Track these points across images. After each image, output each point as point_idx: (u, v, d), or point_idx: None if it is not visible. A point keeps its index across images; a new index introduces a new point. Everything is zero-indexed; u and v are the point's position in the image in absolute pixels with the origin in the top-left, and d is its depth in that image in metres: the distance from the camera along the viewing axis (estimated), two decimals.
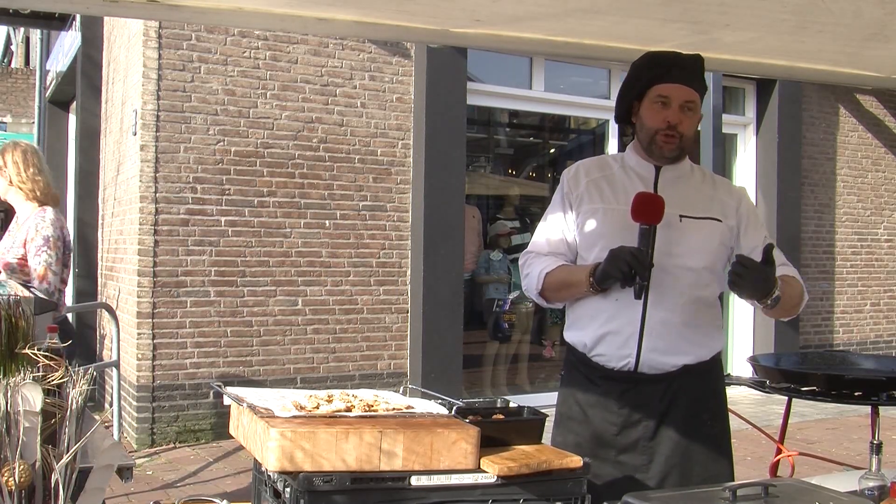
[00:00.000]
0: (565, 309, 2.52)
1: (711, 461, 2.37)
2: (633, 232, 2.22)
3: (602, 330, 2.34)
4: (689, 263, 2.32)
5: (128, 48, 6.62)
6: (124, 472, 2.18)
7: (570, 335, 2.46)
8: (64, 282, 3.68)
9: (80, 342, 8.05)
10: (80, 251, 8.31)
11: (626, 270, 2.17)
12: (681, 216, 2.33)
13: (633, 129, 2.45)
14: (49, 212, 3.69)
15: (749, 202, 2.49)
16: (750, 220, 2.45)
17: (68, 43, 9.54)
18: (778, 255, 2.40)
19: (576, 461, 1.71)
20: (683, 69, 2.35)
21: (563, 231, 2.45)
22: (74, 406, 1.61)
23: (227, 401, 1.89)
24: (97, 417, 2.14)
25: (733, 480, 2.20)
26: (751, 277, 2.15)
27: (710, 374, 2.42)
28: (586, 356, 2.39)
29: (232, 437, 1.88)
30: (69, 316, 8.15)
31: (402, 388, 2.13)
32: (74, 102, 9.51)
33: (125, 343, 6.27)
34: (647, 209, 2.22)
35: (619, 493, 1.75)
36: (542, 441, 1.86)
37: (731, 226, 2.40)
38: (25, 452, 1.55)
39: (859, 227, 9.28)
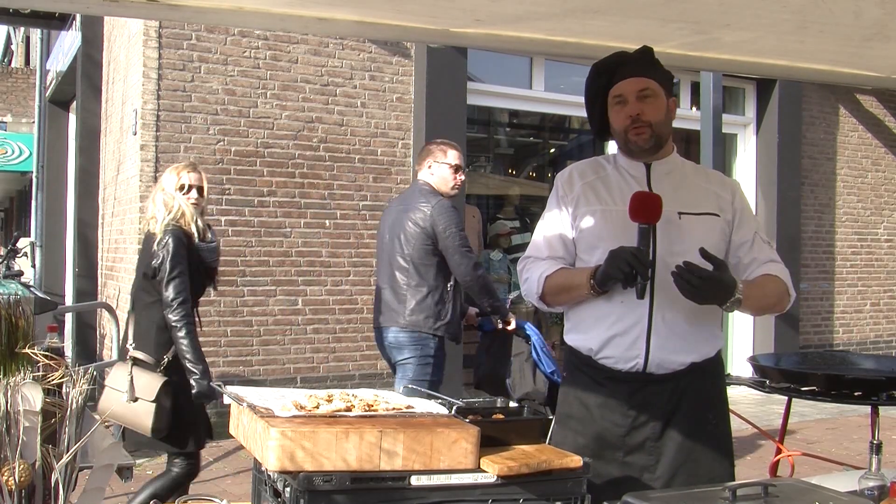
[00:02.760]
0: (564, 312, 2.51)
1: (716, 461, 2.36)
2: (633, 232, 2.22)
3: (609, 333, 2.33)
4: (692, 260, 2.32)
5: (128, 48, 6.63)
6: (124, 471, 2.17)
7: (573, 339, 2.44)
8: None
9: (80, 342, 8.06)
10: (80, 251, 8.32)
11: (627, 270, 2.16)
12: (679, 213, 2.33)
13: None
14: None
15: (742, 195, 2.49)
16: (744, 213, 2.45)
17: (68, 43, 9.54)
18: (763, 249, 2.41)
19: (576, 461, 1.71)
20: (629, 64, 2.37)
21: (560, 234, 2.44)
22: (74, 406, 1.61)
23: (226, 400, 1.89)
24: (97, 417, 2.14)
25: (735, 480, 2.20)
26: (707, 288, 2.16)
27: (715, 373, 2.42)
28: (591, 359, 2.38)
29: (232, 437, 1.88)
30: (68, 316, 8.16)
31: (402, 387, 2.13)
32: (74, 102, 9.50)
33: None
34: (646, 208, 2.22)
35: (625, 493, 1.75)
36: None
37: (728, 220, 2.40)
38: (25, 452, 1.55)
39: (859, 227, 9.28)
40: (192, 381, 3.54)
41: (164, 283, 3.57)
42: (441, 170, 4.26)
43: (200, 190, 3.77)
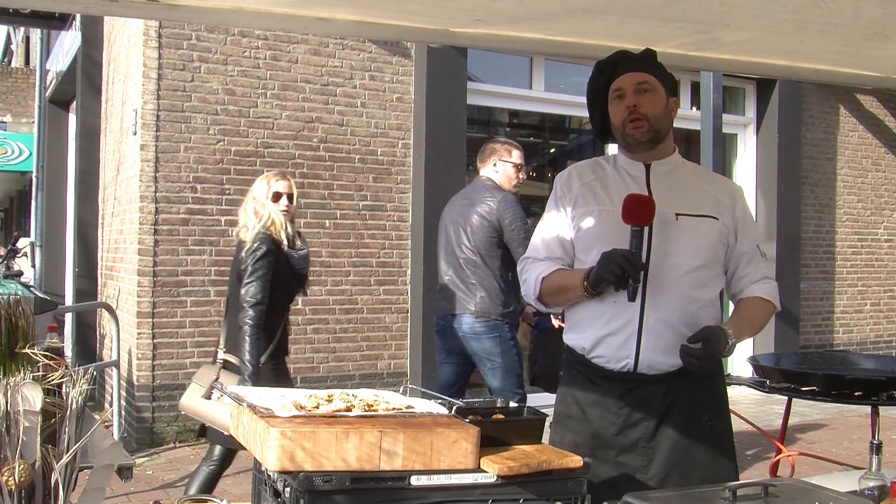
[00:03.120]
0: (564, 311, 2.52)
1: (713, 462, 2.36)
2: (629, 233, 2.22)
3: (601, 332, 2.33)
4: (686, 262, 2.32)
5: (128, 48, 6.63)
6: (124, 471, 2.18)
7: (570, 338, 2.46)
8: None
9: (80, 342, 8.06)
10: (80, 251, 8.32)
11: (619, 273, 2.17)
12: (677, 214, 2.33)
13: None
14: None
15: (744, 203, 2.49)
16: (746, 224, 2.45)
17: (68, 42, 9.54)
18: (759, 265, 2.43)
19: (576, 461, 1.71)
20: (629, 61, 2.39)
21: (558, 235, 2.44)
22: (74, 406, 1.61)
23: (226, 400, 1.89)
24: (97, 417, 2.14)
25: (737, 481, 2.20)
26: (710, 357, 2.24)
27: (711, 375, 2.42)
28: (585, 357, 2.39)
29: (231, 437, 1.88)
30: (68, 316, 8.16)
31: (402, 388, 2.13)
32: (74, 102, 9.50)
33: (125, 343, 6.27)
34: (638, 211, 2.22)
35: (619, 493, 1.75)
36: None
37: (728, 224, 2.39)
38: (25, 452, 1.55)
39: (859, 227, 9.28)
40: (238, 380, 3.65)
41: (243, 285, 3.71)
42: (505, 168, 4.53)
43: (290, 197, 3.91)
